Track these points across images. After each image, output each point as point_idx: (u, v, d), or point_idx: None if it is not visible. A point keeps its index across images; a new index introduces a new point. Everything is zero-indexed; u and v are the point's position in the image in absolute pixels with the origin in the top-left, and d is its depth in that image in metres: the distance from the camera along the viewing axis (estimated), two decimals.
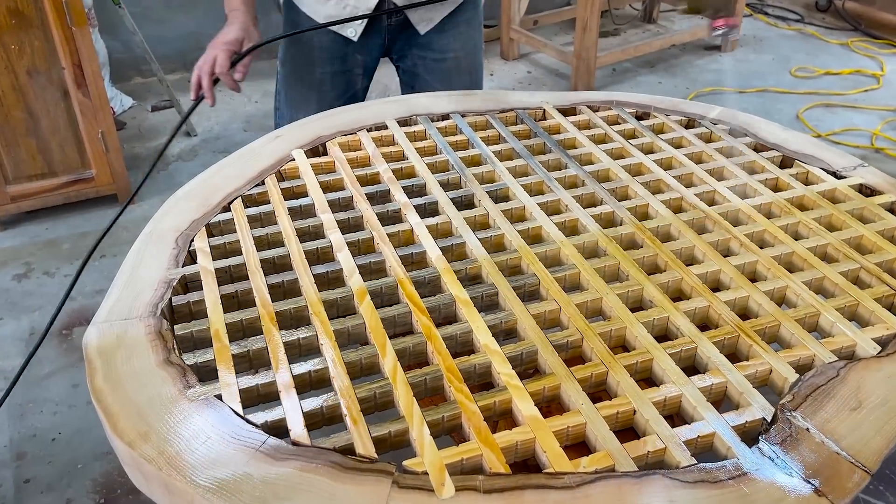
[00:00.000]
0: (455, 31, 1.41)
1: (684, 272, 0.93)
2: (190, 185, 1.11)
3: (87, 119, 2.24)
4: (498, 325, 0.86)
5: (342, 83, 1.48)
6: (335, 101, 1.47)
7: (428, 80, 1.46)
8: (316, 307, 0.87)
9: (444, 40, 1.42)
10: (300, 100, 1.49)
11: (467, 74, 1.47)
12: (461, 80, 1.46)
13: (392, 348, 0.81)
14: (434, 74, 1.45)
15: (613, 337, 0.85)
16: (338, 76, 1.47)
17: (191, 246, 0.98)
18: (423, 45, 1.43)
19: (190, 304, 0.90)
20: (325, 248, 0.98)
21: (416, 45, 1.43)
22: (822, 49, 3.62)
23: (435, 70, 1.45)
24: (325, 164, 1.16)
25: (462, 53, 1.43)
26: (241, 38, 1.30)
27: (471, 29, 1.44)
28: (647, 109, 1.32)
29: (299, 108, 1.49)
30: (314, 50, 1.44)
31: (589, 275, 0.92)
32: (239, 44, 1.30)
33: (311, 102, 1.48)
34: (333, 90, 1.48)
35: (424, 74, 1.46)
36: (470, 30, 1.43)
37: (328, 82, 1.47)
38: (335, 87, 1.48)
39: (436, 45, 1.42)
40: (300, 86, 1.48)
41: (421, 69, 1.46)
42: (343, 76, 1.47)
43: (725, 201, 1.07)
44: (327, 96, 1.47)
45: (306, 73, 1.46)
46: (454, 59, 1.44)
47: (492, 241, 1.00)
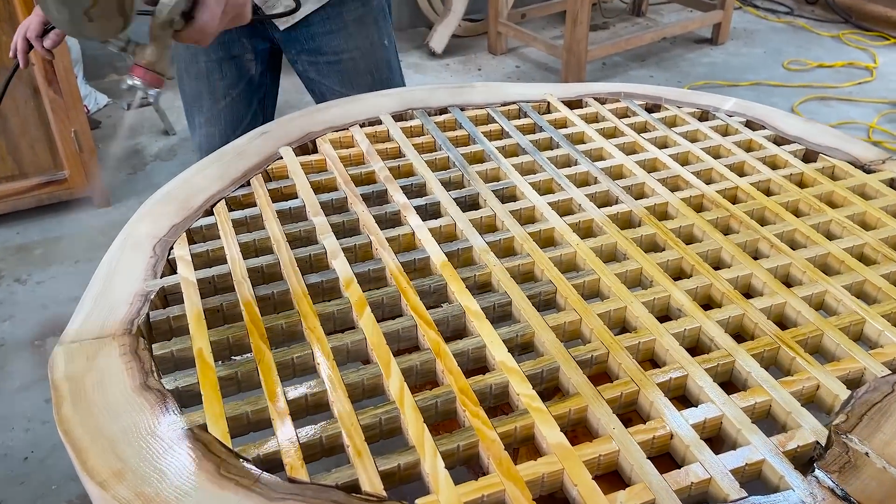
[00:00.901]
0: (344, 31, 1.32)
1: (713, 277, 0.85)
2: (168, 186, 1.02)
3: (59, 118, 2.13)
4: (514, 338, 0.78)
5: (233, 70, 1.36)
6: (230, 90, 1.37)
7: (326, 83, 1.37)
8: (311, 321, 0.78)
9: (334, 42, 1.32)
10: (191, 93, 1.39)
11: (368, 75, 1.36)
12: (362, 81, 1.36)
13: (397, 367, 0.73)
14: (330, 77, 1.36)
15: (641, 350, 0.77)
16: (225, 63, 1.35)
17: (170, 254, 0.89)
18: (313, 49, 1.33)
19: (170, 319, 0.81)
20: (319, 255, 0.89)
21: (306, 50, 1.34)
22: (814, 41, 3.57)
23: (330, 73, 1.35)
24: (315, 163, 1.07)
25: (357, 54, 1.34)
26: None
27: (363, 27, 1.33)
28: (658, 101, 1.24)
29: (192, 101, 1.39)
30: None
31: (610, 281, 0.84)
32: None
33: (201, 93, 1.37)
34: (224, 79, 1.36)
35: (320, 78, 1.37)
36: (362, 28, 1.33)
37: (216, 71, 1.36)
38: (225, 76, 1.36)
39: (326, 47, 1.33)
40: (187, 77, 1.38)
41: (314, 73, 1.36)
42: (232, 62, 1.35)
43: (749, 198, 1.00)
44: (218, 85, 1.36)
45: (191, 64, 1.36)
46: (350, 60, 1.34)
47: (501, 245, 0.92)
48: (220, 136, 1.38)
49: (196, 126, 1.41)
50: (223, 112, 1.38)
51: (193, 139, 1.44)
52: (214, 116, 1.38)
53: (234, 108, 1.38)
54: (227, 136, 1.35)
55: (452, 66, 3.30)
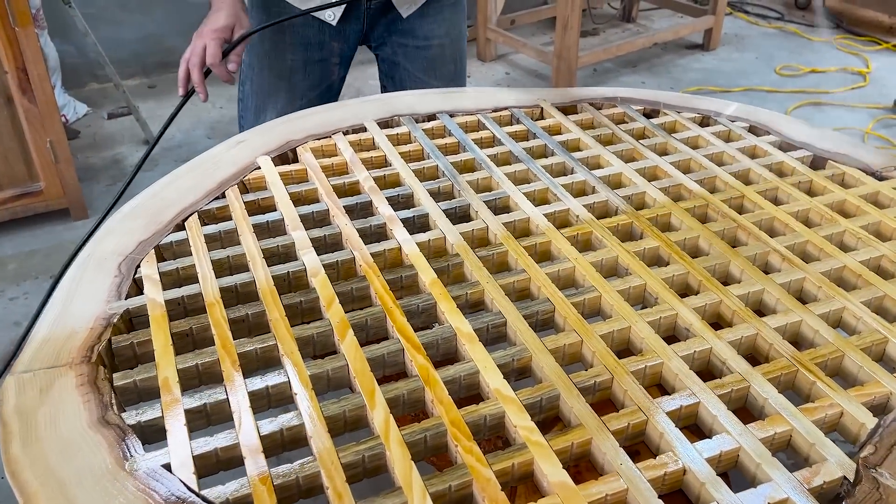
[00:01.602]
0: (439, 16, 1.28)
1: (722, 293, 0.79)
2: (137, 199, 0.95)
3: (34, 127, 2.05)
4: (509, 363, 0.71)
5: (316, 72, 1.32)
6: (308, 92, 1.33)
7: (409, 69, 1.32)
8: (288, 346, 0.72)
9: (427, 26, 1.28)
10: (268, 89, 1.33)
11: (452, 63, 1.33)
12: (445, 70, 1.32)
13: (382, 396, 0.66)
14: (416, 63, 1.31)
15: (648, 375, 0.71)
16: (312, 65, 1.31)
17: (136, 273, 0.82)
18: (405, 31, 1.29)
19: (134, 345, 0.74)
20: (298, 273, 0.82)
21: (397, 31, 1.29)
22: (805, 47, 3.53)
23: (417, 58, 1.31)
24: (295, 173, 1.00)
25: (447, 40, 1.30)
26: (231, 25, 1.15)
27: (455, 14, 1.31)
28: (656, 106, 1.19)
29: (268, 98, 1.33)
30: (286, 35, 1.28)
31: (612, 298, 0.78)
32: (229, 31, 1.15)
33: (280, 92, 1.32)
34: (306, 80, 1.32)
35: (405, 63, 1.32)
36: (455, 15, 1.30)
37: (300, 71, 1.31)
38: (308, 77, 1.32)
39: (419, 31, 1.29)
40: (269, 74, 1.32)
41: (401, 57, 1.32)
42: (317, 65, 1.32)
43: (757, 208, 0.94)
44: (299, 86, 1.32)
45: (276, 59, 1.31)
46: (438, 47, 1.30)
47: (494, 260, 0.85)
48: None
49: (265, 121, 1.32)
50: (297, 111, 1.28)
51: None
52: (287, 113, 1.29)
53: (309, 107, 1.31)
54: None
55: None
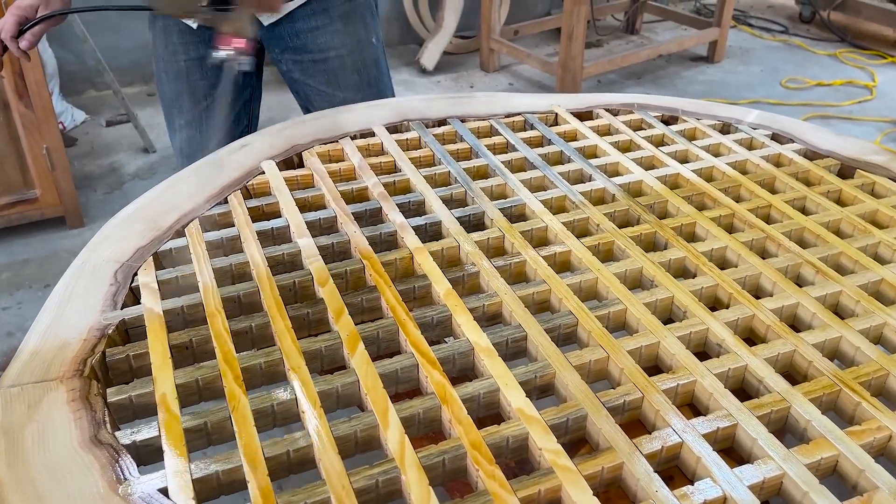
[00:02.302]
0: (330, 27, 1.23)
1: (755, 306, 0.75)
2: (135, 204, 0.90)
3: (31, 134, 2.01)
4: (531, 379, 0.67)
5: (214, 70, 1.26)
6: (211, 90, 1.28)
7: (310, 83, 1.28)
8: (294, 360, 0.67)
9: (319, 39, 1.24)
10: (170, 93, 1.29)
11: (355, 73, 1.28)
12: (349, 80, 1.28)
13: (396, 415, 0.62)
14: (315, 77, 1.27)
15: (680, 394, 0.67)
16: (206, 62, 1.26)
17: (134, 281, 0.78)
18: (297, 48, 1.25)
19: (130, 358, 0.69)
20: (305, 282, 0.78)
21: (289, 48, 1.25)
22: (811, 60, 3.51)
23: (315, 72, 1.26)
24: (301, 178, 0.96)
25: (344, 51, 1.25)
26: (36, 5, 1.12)
27: (350, 24, 1.25)
28: (675, 113, 1.15)
29: (172, 102, 1.30)
30: (174, 34, 1.24)
31: (638, 312, 0.74)
32: (33, 10, 1.12)
33: (181, 94, 1.28)
34: (205, 78, 1.27)
35: (304, 78, 1.28)
36: (350, 25, 1.25)
37: (196, 70, 1.26)
38: (206, 76, 1.27)
39: (311, 45, 1.24)
40: (167, 78, 1.29)
41: (299, 73, 1.28)
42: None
43: (786, 218, 0.90)
44: (198, 85, 1.27)
45: (171, 63, 1.27)
46: (336, 59, 1.25)
47: (512, 270, 0.81)
48: (201, 138, 1.29)
49: (176, 129, 1.32)
50: (204, 114, 1.28)
51: (173, 143, 1.35)
52: (196, 118, 1.29)
53: (217, 109, 1.29)
54: (209, 138, 1.27)
55: (444, 83, 3.21)
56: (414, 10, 3.41)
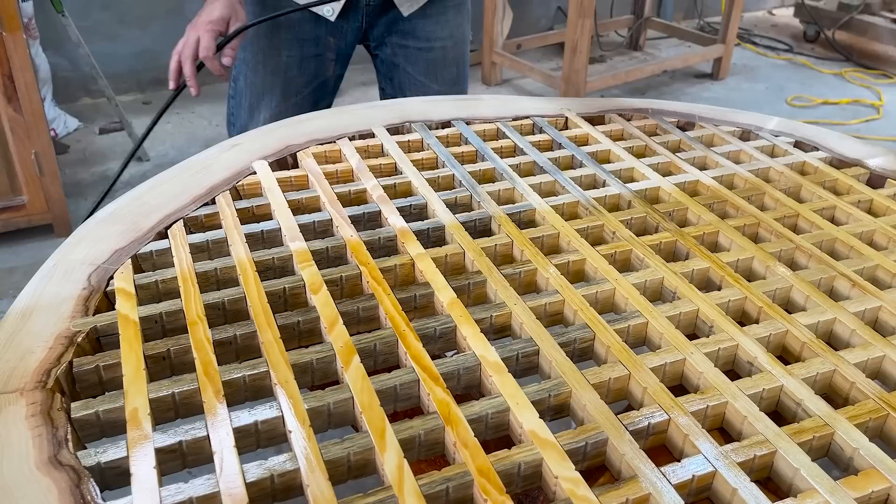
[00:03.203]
0: (442, 16, 1.21)
1: (788, 321, 0.68)
2: (115, 204, 0.84)
3: (19, 138, 1.95)
4: (545, 399, 0.60)
5: (311, 68, 1.26)
6: (303, 88, 1.27)
7: (409, 71, 1.25)
8: (282, 373, 0.60)
9: (429, 27, 1.21)
10: (262, 85, 1.26)
11: (454, 66, 1.26)
12: (447, 73, 1.26)
13: (394, 437, 0.55)
14: (417, 65, 1.24)
15: (710, 417, 0.60)
16: (307, 61, 1.25)
17: (109, 285, 0.71)
18: (406, 31, 1.22)
19: (100, 369, 0.63)
20: (296, 289, 0.71)
21: (397, 31, 1.23)
22: (816, 79, 3.47)
23: (418, 60, 1.24)
24: (295, 179, 0.90)
25: (450, 43, 1.24)
26: (227, 17, 1.08)
27: (459, 16, 1.24)
28: (691, 119, 1.09)
29: (262, 94, 1.27)
30: (282, 30, 1.22)
31: (661, 326, 0.67)
32: (225, 23, 1.08)
33: (275, 88, 1.26)
34: (301, 76, 1.26)
35: (405, 65, 1.25)
36: (458, 17, 1.24)
37: (295, 67, 1.25)
38: (303, 73, 1.25)
39: (420, 31, 1.22)
40: (264, 70, 1.26)
41: (401, 59, 1.25)
42: (313, 60, 1.25)
43: (815, 228, 0.84)
44: (294, 82, 1.26)
45: (271, 56, 1.24)
46: (441, 49, 1.23)
47: (521, 279, 0.75)
48: None
49: (258, 120, 1.29)
50: (290, 110, 1.26)
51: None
52: (281, 113, 1.26)
53: (302, 107, 1.27)
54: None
55: None
56: None
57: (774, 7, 4.55)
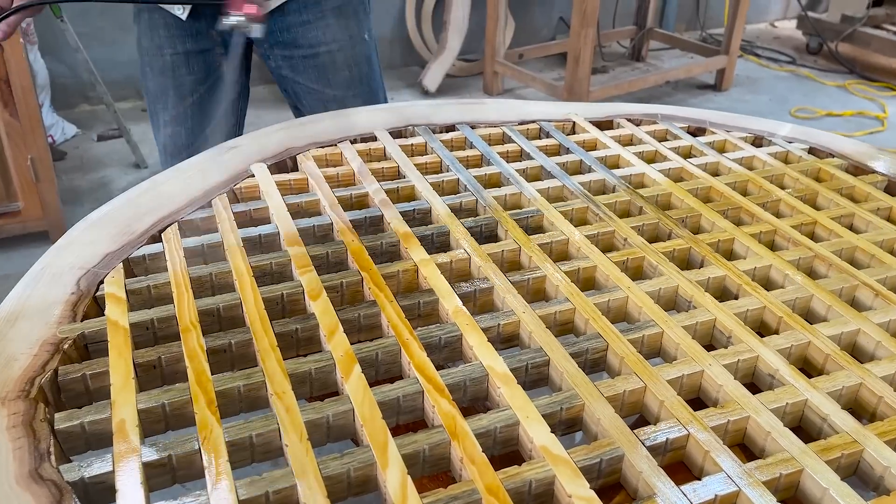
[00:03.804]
0: (321, 21, 1.18)
1: (810, 332, 0.65)
2: (108, 206, 0.81)
3: (15, 143, 1.92)
4: (556, 412, 0.57)
5: (201, 64, 1.21)
6: (197, 86, 1.22)
7: (300, 81, 1.22)
8: (278, 384, 0.57)
9: (310, 33, 1.18)
10: (157, 90, 1.24)
11: (346, 70, 1.22)
12: (339, 77, 1.22)
13: (397, 451, 0.52)
14: (306, 73, 1.21)
15: (731, 432, 0.57)
16: (193, 56, 1.20)
17: (99, 290, 0.68)
18: (288, 42, 1.19)
19: (86, 378, 0.60)
20: (295, 295, 0.68)
21: (279, 43, 1.20)
22: (819, 90, 3.45)
23: (305, 69, 1.21)
24: (294, 182, 0.87)
25: (335, 46, 1.20)
26: None
27: (342, 18, 1.20)
28: (702, 125, 1.06)
29: (156, 98, 1.24)
30: (159, 28, 1.19)
31: (677, 336, 0.64)
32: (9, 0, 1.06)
33: (167, 90, 1.22)
34: (191, 73, 1.22)
35: (294, 76, 1.22)
36: (342, 19, 1.20)
37: (183, 65, 1.21)
38: (193, 71, 1.21)
39: (301, 40, 1.19)
40: (151, 73, 1.23)
41: (288, 70, 1.22)
42: (200, 56, 1.21)
43: (834, 236, 0.81)
44: (185, 80, 1.22)
45: (156, 57, 1.21)
46: (326, 54, 1.20)
47: (530, 286, 0.71)
48: (186, 135, 1.24)
49: (160, 125, 1.26)
50: (190, 110, 1.23)
51: (157, 140, 1.30)
52: (181, 115, 1.23)
53: (203, 106, 1.23)
54: (195, 135, 1.23)
55: None
56: (417, 31, 3.35)
57: (777, 19, 4.55)
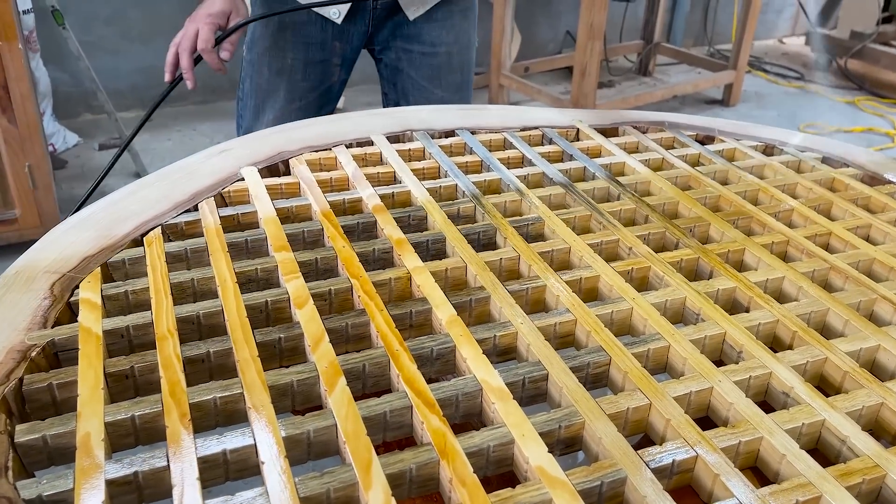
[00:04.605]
0: (448, 21, 1.19)
1: (826, 348, 0.61)
2: (89, 209, 0.78)
3: (13, 149, 1.90)
4: (555, 430, 0.53)
5: (317, 73, 1.24)
6: (308, 93, 1.24)
7: (413, 76, 1.23)
8: (257, 396, 0.53)
9: (434, 31, 1.19)
10: (267, 87, 1.24)
11: (458, 72, 1.23)
12: (451, 79, 1.23)
13: (381, 472, 0.48)
14: (421, 70, 1.22)
15: (742, 454, 0.53)
16: (312, 65, 1.23)
17: (74, 295, 0.65)
18: (411, 36, 1.20)
19: (53, 388, 0.56)
20: (280, 302, 0.64)
21: (402, 35, 1.20)
22: (828, 107, 3.42)
23: (422, 65, 1.21)
24: (286, 187, 0.83)
25: (455, 48, 1.21)
26: (227, 11, 1.07)
27: (465, 21, 1.22)
28: (710, 133, 1.03)
29: (266, 97, 1.24)
30: (288, 32, 1.20)
31: (685, 350, 0.60)
32: (225, 17, 1.07)
33: (279, 91, 1.23)
34: (306, 80, 1.23)
35: (409, 70, 1.22)
36: (464, 22, 1.21)
37: (300, 70, 1.22)
38: (308, 77, 1.23)
39: (425, 36, 1.20)
40: (268, 72, 1.23)
41: (405, 64, 1.22)
42: (319, 66, 1.23)
43: (850, 247, 0.77)
44: (299, 86, 1.23)
45: (276, 58, 1.22)
46: (445, 54, 1.21)
47: (529, 297, 0.68)
48: None
49: (263, 122, 1.27)
50: (294, 114, 1.24)
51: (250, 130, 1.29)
52: (285, 116, 1.24)
53: (306, 111, 1.25)
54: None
55: None
56: None
57: (785, 35, 4.52)
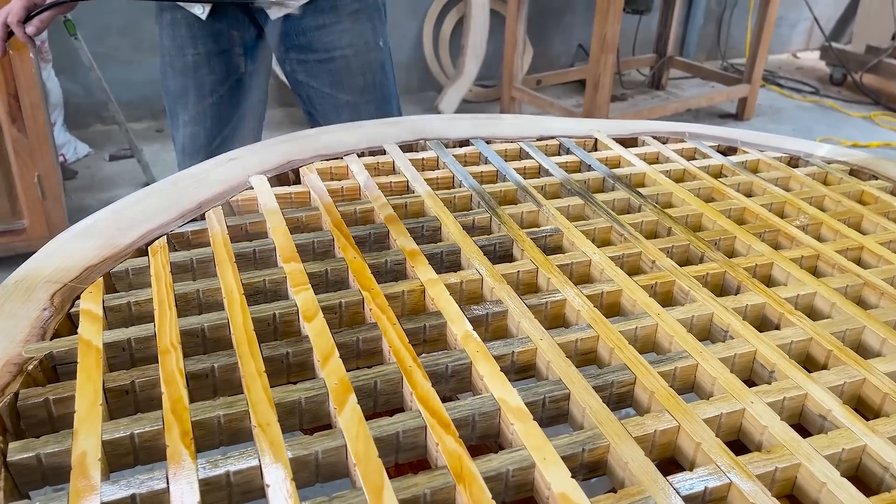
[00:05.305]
0: (337, 26, 1.17)
1: (865, 368, 0.58)
2: (94, 217, 0.76)
3: (22, 159, 1.89)
4: (578, 454, 0.50)
5: (221, 65, 1.22)
6: (217, 87, 1.23)
7: (314, 85, 1.21)
8: (263, 415, 0.50)
9: (326, 38, 1.17)
10: (177, 89, 1.24)
11: (361, 76, 1.21)
12: (353, 83, 1.21)
13: (394, 497, 0.45)
14: (320, 78, 1.20)
15: (778, 481, 0.49)
16: (214, 57, 1.21)
17: (74, 306, 0.62)
18: (303, 46, 1.18)
19: (49, 403, 0.53)
20: (288, 315, 0.62)
21: (295, 47, 1.19)
22: (844, 121, 3.38)
23: (320, 73, 1.20)
24: (296, 196, 0.81)
25: (350, 51, 1.19)
26: None
27: (358, 24, 1.19)
28: (733, 144, 1.00)
29: (177, 98, 1.24)
30: (182, 28, 1.19)
31: (714, 370, 0.57)
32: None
33: (188, 91, 1.23)
34: (212, 74, 1.22)
35: (309, 80, 1.21)
36: (357, 24, 1.19)
37: (204, 65, 1.21)
38: (214, 71, 1.22)
39: (317, 44, 1.18)
40: (172, 72, 1.24)
41: (303, 74, 1.21)
42: (220, 57, 1.21)
43: (883, 262, 0.73)
44: (206, 81, 1.22)
45: (177, 57, 1.22)
46: (342, 59, 1.19)
47: (547, 311, 0.65)
48: (205, 135, 1.25)
49: (179, 125, 1.26)
50: (209, 110, 1.23)
51: (176, 141, 1.29)
52: (200, 115, 1.23)
53: (222, 106, 1.24)
54: (213, 136, 1.24)
55: None
56: (434, 56, 3.32)
57: (799, 50, 4.49)
